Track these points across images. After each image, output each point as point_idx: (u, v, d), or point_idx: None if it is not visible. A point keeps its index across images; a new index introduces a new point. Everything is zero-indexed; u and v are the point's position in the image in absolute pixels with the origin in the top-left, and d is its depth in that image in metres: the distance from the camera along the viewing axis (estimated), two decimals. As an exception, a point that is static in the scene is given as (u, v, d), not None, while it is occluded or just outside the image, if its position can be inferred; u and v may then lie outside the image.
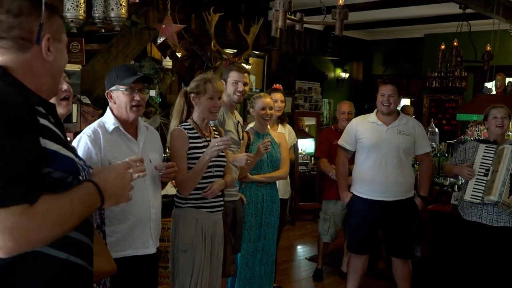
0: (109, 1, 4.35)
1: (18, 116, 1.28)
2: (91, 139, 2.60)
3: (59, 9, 3.49)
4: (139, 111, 2.73)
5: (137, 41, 5.25)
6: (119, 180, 1.52)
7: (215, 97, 3.13)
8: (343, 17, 3.24)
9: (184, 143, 3.08)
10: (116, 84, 2.71)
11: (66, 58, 1.58)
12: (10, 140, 1.24)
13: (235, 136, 3.74)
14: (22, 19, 1.43)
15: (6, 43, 1.43)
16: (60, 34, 1.53)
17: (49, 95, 1.55)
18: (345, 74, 11.06)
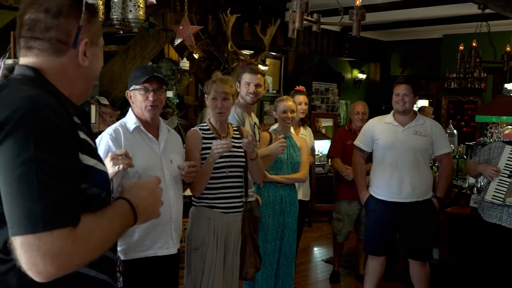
0: (127, 3, 4.40)
1: (62, 130, 1.22)
2: (112, 137, 2.64)
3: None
4: (155, 111, 2.74)
5: (154, 42, 5.28)
6: (150, 197, 1.45)
7: (218, 98, 3.14)
8: (360, 18, 3.23)
9: (196, 143, 3.11)
10: (133, 84, 2.75)
11: (101, 62, 1.53)
12: (55, 158, 1.18)
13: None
14: (61, 20, 1.36)
15: (42, 44, 1.36)
16: (97, 38, 1.47)
17: (79, 100, 1.47)
18: (362, 75, 11.02)
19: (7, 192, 1.16)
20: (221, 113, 3.16)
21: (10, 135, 1.16)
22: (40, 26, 1.36)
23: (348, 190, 4.90)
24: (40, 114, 1.19)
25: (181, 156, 2.93)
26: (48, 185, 1.14)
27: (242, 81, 3.82)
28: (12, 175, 1.15)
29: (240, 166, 3.22)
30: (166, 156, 2.76)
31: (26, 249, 1.13)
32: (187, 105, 5.96)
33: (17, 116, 1.17)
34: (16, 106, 1.19)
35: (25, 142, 1.15)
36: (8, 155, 1.16)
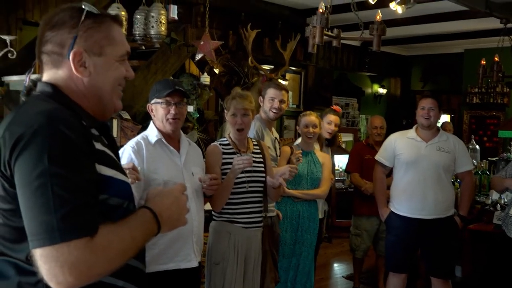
0: (149, 19, 4.47)
1: (75, 143, 1.22)
2: (134, 150, 2.66)
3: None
4: (176, 124, 2.76)
5: (175, 57, 5.33)
6: (174, 205, 1.42)
7: (238, 114, 3.15)
8: (380, 33, 3.23)
9: (217, 158, 3.12)
10: (155, 98, 2.77)
11: (117, 73, 1.44)
12: (68, 170, 1.19)
13: (273, 152, 3.76)
14: (54, 32, 1.36)
15: (46, 58, 1.38)
16: (103, 47, 1.39)
17: (101, 115, 1.45)
18: (383, 89, 10.97)
19: (25, 205, 1.18)
20: (241, 129, 3.17)
21: (25, 150, 1.19)
22: (44, 41, 1.38)
23: (367, 205, 4.86)
24: (53, 128, 1.20)
25: (202, 169, 2.94)
26: (63, 197, 1.16)
27: (266, 96, 3.83)
28: (29, 189, 1.17)
29: (260, 181, 3.21)
30: (187, 169, 2.77)
31: (45, 260, 1.14)
32: (207, 120, 5.99)
33: (32, 131, 1.19)
34: (31, 121, 1.22)
35: (39, 156, 1.17)
36: (24, 170, 1.18)
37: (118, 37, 1.43)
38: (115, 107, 1.47)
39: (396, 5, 3.73)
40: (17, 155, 1.19)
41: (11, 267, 1.25)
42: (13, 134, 1.21)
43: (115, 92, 1.45)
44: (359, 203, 5.08)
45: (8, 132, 1.23)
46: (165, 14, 4.55)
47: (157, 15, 4.48)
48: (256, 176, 3.17)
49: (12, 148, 1.20)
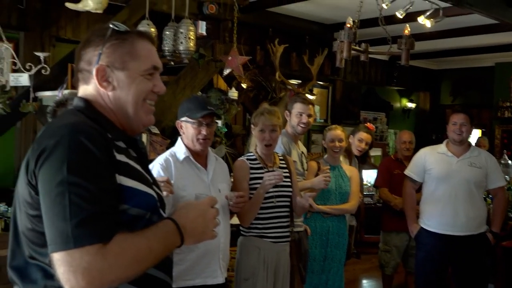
0: (178, 35, 4.54)
1: (94, 154, 1.26)
2: (163, 167, 2.68)
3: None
4: (206, 144, 2.78)
5: (204, 72, 5.39)
6: (200, 218, 1.42)
7: (266, 130, 3.15)
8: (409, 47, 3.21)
9: (245, 174, 3.12)
10: (186, 116, 2.78)
11: (142, 87, 1.45)
12: (86, 180, 1.23)
13: (300, 166, 3.74)
14: (84, 50, 1.44)
15: (79, 74, 1.46)
16: (125, 62, 1.42)
17: (130, 129, 1.48)
18: (412, 104, 10.85)
19: (45, 212, 1.24)
20: (269, 145, 3.18)
21: (47, 160, 1.25)
22: (78, 59, 1.46)
23: (396, 221, 4.78)
24: (74, 139, 1.26)
25: (228, 185, 2.95)
26: (79, 205, 1.20)
27: (294, 110, 3.83)
28: (49, 197, 1.23)
29: (287, 195, 3.20)
30: (214, 185, 2.78)
31: (59, 265, 1.19)
32: (235, 134, 6.02)
33: (54, 143, 1.26)
34: (55, 134, 1.28)
35: (59, 166, 1.23)
36: (45, 179, 1.25)
37: (143, 52, 1.45)
38: (143, 121, 1.48)
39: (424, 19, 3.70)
40: (41, 165, 1.26)
41: (39, 271, 1.31)
42: (39, 146, 1.28)
43: (141, 106, 1.46)
44: (388, 219, 5.01)
45: (36, 144, 1.30)
46: (193, 30, 4.61)
47: (186, 31, 4.54)
48: (283, 191, 3.17)
49: (37, 158, 1.27)
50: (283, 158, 3.36)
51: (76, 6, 3.96)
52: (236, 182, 3.11)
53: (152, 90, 1.48)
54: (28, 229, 1.32)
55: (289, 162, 3.37)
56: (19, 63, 3.62)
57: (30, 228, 1.31)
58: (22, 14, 5.11)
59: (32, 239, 1.32)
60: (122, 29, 1.44)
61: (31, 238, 1.32)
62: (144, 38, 1.48)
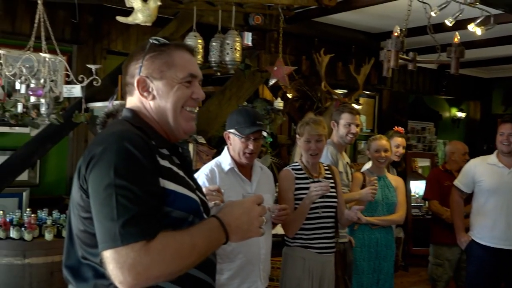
0: (225, 46, 4.60)
1: (139, 159, 1.34)
2: (208, 177, 2.70)
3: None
4: (252, 158, 2.78)
5: (249, 83, 5.42)
6: (244, 215, 1.45)
7: (312, 140, 3.15)
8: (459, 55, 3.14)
9: (290, 184, 3.12)
10: (234, 129, 2.79)
11: (180, 94, 1.52)
12: (131, 183, 1.31)
13: (345, 177, 3.71)
14: (129, 65, 1.56)
15: (126, 87, 1.58)
16: (163, 72, 1.51)
17: (173, 136, 1.56)
18: (461, 113, 10.57)
19: (95, 214, 1.33)
20: (315, 155, 3.16)
21: (96, 165, 1.35)
22: (124, 73, 1.58)
23: (448, 234, 4.64)
24: (120, 146, 1.35)
25: (272, 195, 2.95)
26: (125, 206, 1.28)
27: (342, 121, 3.81)
28: (98, 199, 1.32)
29: (333, 206, 3.18)
30: (258, 197, 2.78)
31: (109, 262, 1.27)
32: (280, 144, 6.02)
33: (102, 149, 1.35)
34: (103, 141, 1.38)
35: (107, 170, 1.32)
36: (95, 182, 1.34)
37: (179, 61, 1.53)
38: (183, 128, 1.55)
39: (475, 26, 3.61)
40: (90, 170, 1.35)
41: (90, 270, 1.39)
42: (89, 153, 1.38)
43: (180, 113, 1.53)
44: (439, 231, 4.87)
45: (87, 151, 1.41)
46: (239, 41, 4.67)
47: (232, 42, 4.60)
48: (329, 202, 3.15)
49: (87, 164, 1.37)
50: (329, 168, 3.34)
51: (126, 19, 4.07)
52: (281, 192, 3.10)
53: (191, 97, 1.55)
54: (80, 230, 1.41)
55: (335, 172, 3.35)
56: (72, 75, 3.74)
57: (82, 229, 1.40)
58: (76, 28, 5.29)
59: (84, 240, 1.40)
60: (160, 42, 1.53)
61: (84, 239, 1.40)
62: (181, 48, 1.56)
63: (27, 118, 3.83)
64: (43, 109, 3.67)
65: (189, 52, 1.57)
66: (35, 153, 4.51)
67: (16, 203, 5.12)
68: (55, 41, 3.80)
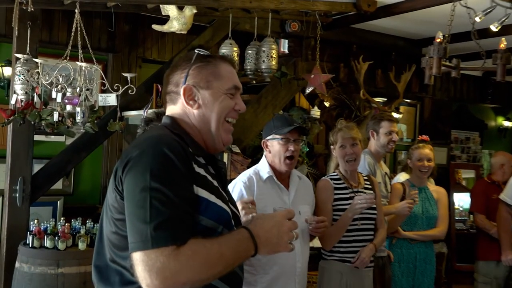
0: (261, 53, 4.63)
1: (175, 164, 1.38)
2: (245, 185, 2.72)
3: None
4: (292, 164, 2.80)
5: (286, 91, 5.43)
6: (275, 228, 1.47)
7: (347, 144, 3.14)
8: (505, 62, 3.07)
9: (328, 194, 3.10)
10: (273, 134, 2.81)
11: (224, 105, 1.59)
12: (166, 187, 1.35)
13: (384, 188, 3.67)
14: (172, 74, 1.62)
15: (167, 96, 1.63)
16: (209, 82, 1.58)
17: (212, 147, 1.60)
18: (508, 122, 10.30)
19: (128, 215, 1.38)
20: (352, 160, 3.14)
21: (133, 168, 1.40)
22: (166, 83, 1.64)
23: (496, 250, 4.50)
24: (157, 150, 1.39)
25: (311, 206, 2.94)
26: (159, 210, 1.32)
27: (382, 130, 3.80)
28: (132, 201, 1.37)
29: (372, 218, 3.15)
30: (295, 207, 2.77)
31: (138, 264, 1.31)
32: (317, 154, 5.99)
33: (139, 152, 1.41)
34: (141, 145, 1.44)
35: (143, 173, 1.37)
36: (130, 184, 1.39)
37: (225, 73, 1.62)
38: (223, 139, 1.61)
39: (522, 31, 3.52)
40: (127, 172, 1.40)
41: (117, 275, 1.43)
42: (127, 155, 1.43)
43: (222, 124, 1.61)
44: (486, 247, 4.72)
45: (124, 154, 1.47)
46: (276, 49, 4.68)
47: (268, 50, 4.62)
48: (368, 213, 3.12)
49: (124, 166, 1.42)
50: (368, 178, 3.32)
51: (161, 28, 4.14)
52: (320, 203, 3.09)
53: (233, 108, 1.62)
54: (111, 232, 1.45)
55: (374, 183, 3.32)
56: (107, 83, 3.82)
57: (113, 231, 1.45)
58: (111, 37, 5.41)
59: (115, 242, 1.44)
60: (206, 53, 1.61)
61: (114, 241, 1.45)
62: (226, 61, 1.64)
63: (62, 127, 3.91)
64: (79, 118, 3.75)
65: (232, 65, 1.66)
66: (70, 161, 4.61)
67: (50, 211, 5.24)
68: (91, 50, 3.89)
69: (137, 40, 5.59)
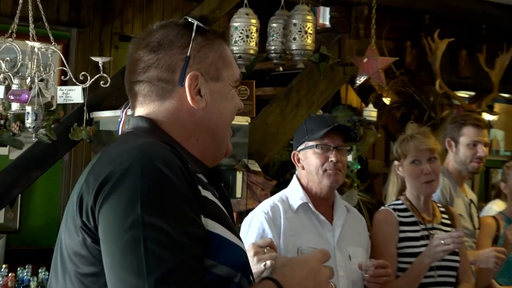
0: (290, 27, 4.61)
1: (176, 186, 1.34)
2: (268, 217, 2.73)
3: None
4: (337, 178, 2.80)
5: (327, 82, 5.42)
6: (310, 279, 1.48)
7: (423, 159, 3.14)
8: None
9: (392, 231, 3.12)
10: (305, 140, 2.83)
11: (234, 104, 1.63)
12: (167, 220, 1.30)
13: (468, 223, 3.67)
14: (160, 54, 1.56)
15: (143, 87, 1.58)
16: (219, 70, 1.59)
17: (211, 159, 1.61)
18: None
19: (110, 264, 1.31)
20: (430, 181, 3.15)
21: (112, 193, 1.33)
22: (139, 66, 1.58)
23: None
24: (148, 164, 1.34)
25: (366, 250, 2.95)
26: (159, 256, 1.27)
27: (463, 138, 3.78)
28: (116, 244, 1.30)
29: (453, 268, 3.16)
30: (342, 249, 2.78)
31: None
32: (373, 174, 5.96)
33: (121, 170, 1.34)
34: (120, 159, 1.37)
35: (130, 201, 1.31)
36: (110, 219, 1.32)
37: (230, 57, 1.64)
38: (227, 148, 1.64)
39: None
40: (103, 201, 1.33)
41: None
42: (98, 176, 1.37)
43: (228, 129, 1.64)
44: None
45: (93, 175, 1.39)
46: (312, 21, 4.67)
47: (301, 22, 4.61)
48: (447, 261, 3.11)
49: (97, 192, 1.35)
50: (445, 209, 3.32)
51: (147, -9, 4.18)
52: (379, 244, 3.10)
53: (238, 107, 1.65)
54: None
55: (455, 216, 3.34)
56: (70, 72, 3.84)
57: None
58: (76, 5, 5.47)
59: None
60: (202, 26, 1.59)
61: None
62: (225, 39, 1.66)
63: (5, 134, 3.94)
64: (29, 121, 3.77)
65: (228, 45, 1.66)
66: (16, 184, 4.64)
67: (-13, 256, 5.29)
68: (46, 24, 3.93)
69: (112, 9, 5.65)
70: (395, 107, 6.18)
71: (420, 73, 6.28)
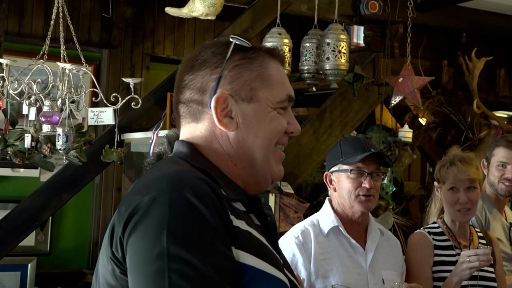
0: (324, 47, 4.61)
1: (205, 217, 1.32)
2: (298, 242, 2.73)
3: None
4: (369, 204, 2.80)
5: (361, 102, 5.42)
6: None
7: (461, 188, 3.12)
8: None
9: (426, 255, 3.10)
10: (339, 163, 2.83)
11: (274, 126, 1.55)
12: (194, 253, 1.28)
13: (507, 247, 3.65)
14: (193, 74, 1.55)
15: (182, 109, 1.57)
16: (254, 90, 1.53)
17: (254, 185, 1.56)
18: None
19: None
20: (466, 211, 3.13)
21: (140, 224, 1.32)
22: (181, 87, 1.57)
23: None
24: (177, 196, 1.33)
25: (400, 273, 2.93)
26: None
27: (494, 159, 3.76)
28: (141, 275, 1.30)
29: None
30: (375, 273, 2.78)
31: None
32: (409, 196, 5.93)
33: (149, 200, 1.33)
34: (150, 188, 1.37)
35: (156, 232, 1.29)
36: (137, 250, 1.32)
37: (276, 76, 1.57)
38: (272, 174, 1.57)
39: None
40: (131, 231, 1.33)
41: None
42: (129, 205, 1.36)
43: (272, 153, 1.56)
44: None
45: (124, 204, 1.39)
46: (346, 40, 4.67)
47: (334, 42, 4.61)
48: (484, 286, 3.09)
49: (126, 223, 1.34)
50: (484, 234, 3.30)
51: (179, 11, 4.20)
52: (412, 266, 3.08)
53: (285, 130, 1.56)
54: None
55: (493, 241, 3.31)
56: (101, 93, 3.86)
57: None
58: (107, 26, 5.52)
59: None
60: (248, 44, 1.54)
61: None
62: (275, 57, 1.58)
63: (36, 156, 3.97)
64: (60, 143, 3.79)
65: (281, 62, 1.60)
66: (46, 207, 4.67)
67: (17, 278, 5.31)
68: (78, 45, 3.97)
69: (143, 30, 5.70)
70: (431, 128, 6.15)
71: (457, 92, 6.25)
